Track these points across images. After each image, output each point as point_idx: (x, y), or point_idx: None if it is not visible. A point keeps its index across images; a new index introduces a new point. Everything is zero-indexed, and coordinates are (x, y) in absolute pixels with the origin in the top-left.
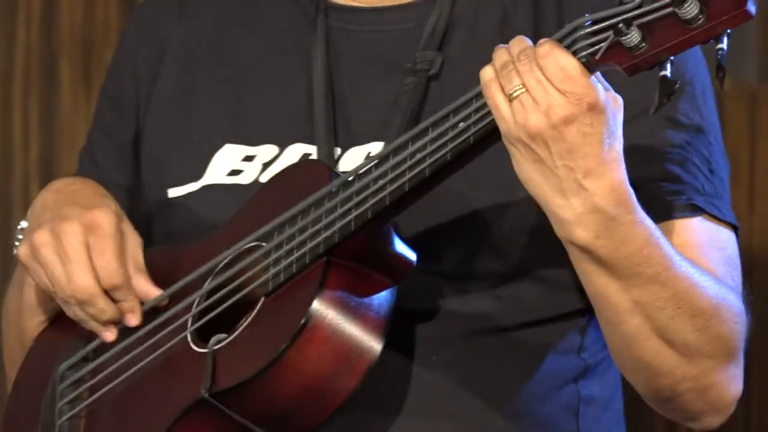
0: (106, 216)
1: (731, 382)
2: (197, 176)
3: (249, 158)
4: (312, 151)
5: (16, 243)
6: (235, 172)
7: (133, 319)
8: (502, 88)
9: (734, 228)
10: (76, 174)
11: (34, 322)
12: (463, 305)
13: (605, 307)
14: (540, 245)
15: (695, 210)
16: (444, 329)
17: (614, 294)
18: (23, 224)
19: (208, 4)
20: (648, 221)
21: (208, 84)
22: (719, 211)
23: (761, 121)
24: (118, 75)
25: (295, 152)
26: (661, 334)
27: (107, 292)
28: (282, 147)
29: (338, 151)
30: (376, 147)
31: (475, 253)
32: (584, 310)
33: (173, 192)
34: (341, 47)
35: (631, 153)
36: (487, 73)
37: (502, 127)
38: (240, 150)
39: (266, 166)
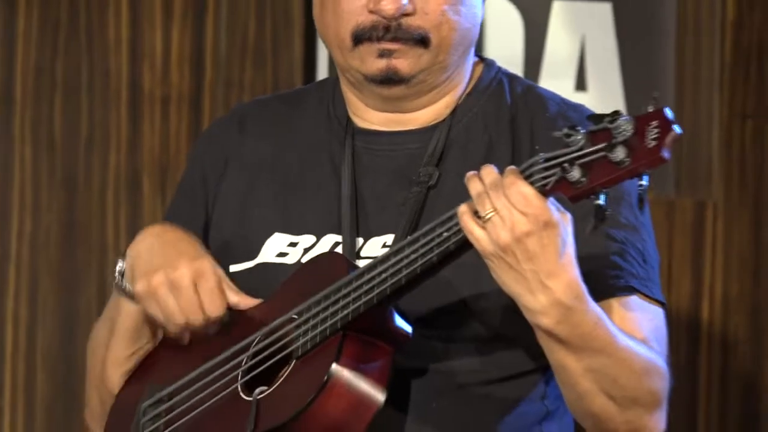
0: (209, 265)
1: (657, 424)
2: (252, 256)
3: (293, 244)
4: (340, 240)
5: (119, 281)
6: (282, 254)
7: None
8: (476, 213)
9: (662, 305)
10: None
11: (124, 351)
12: (455, 364)
13: (563, 372)
14: (514, 318)
15: (632, 290)
16: (439, 382)
17: (570, 363)
18: (120, 264)
19: (261, 126)
20: (596, 308)
21: (263, 186)
22: (650, 291)
23: (677, 224)
24: (191, 177)
25: (328, 241)
26: (605, 391)
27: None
28: (318, 236)
29: (361, 240)
30: (389, 238)
31: (464, 323)
32: (546, 367)
33: (234, 267)
34: (364, 161)
35: (586, 246)
36: (461, 207)
37: (478, 247)
38: (286, 238)
39: (306, 251)
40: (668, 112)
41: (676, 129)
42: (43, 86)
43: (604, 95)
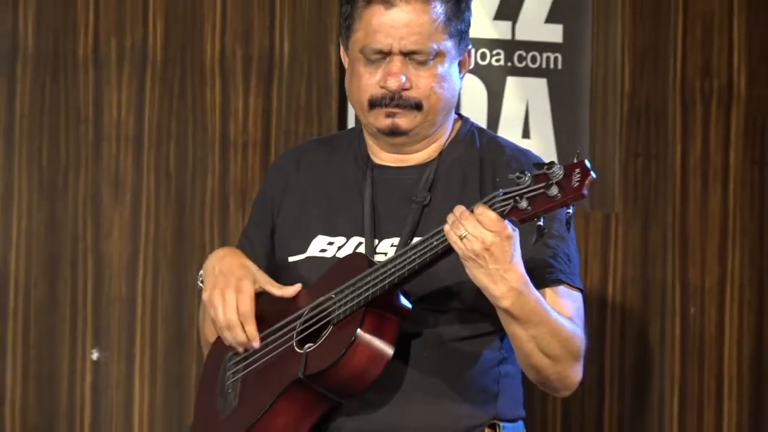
0: (247, 284)
1: (577, 374)
2: (303, 251)
3: (330, 243)
4: (363, 241)
5: (199, 284)
6: (323, 250)
7: (255, 343)
8: (455, 233)
9: (582, 291)
10: (238, 245)
11: (212, 328)
12: (440, 327)
13: (515, 338)
14: (481, 297)
15: (560, 282)
16: (428, 341)
17: (519, 332)
18: (201, 272)
19: (311, 161)
20: (536, 293)
21: (311, 202)
22: (573, 282)
23: (591, 229)
24: (264, 194)
25: (354, 241)
26: (543, 351)
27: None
28: (348, 238)
29: (377, 241)
30: (395, 240)
31: (447, 300)
32: (503, 329)
33: (291, 258)
34: (379, 187)
35: (530, 251)
36: (446, 227)
37: (459, 252)
38: (326, 239)
39: (340, 248)
40: (587, 163)
41: (593, 174)
42: (162, 136)
43: (541, 140)
